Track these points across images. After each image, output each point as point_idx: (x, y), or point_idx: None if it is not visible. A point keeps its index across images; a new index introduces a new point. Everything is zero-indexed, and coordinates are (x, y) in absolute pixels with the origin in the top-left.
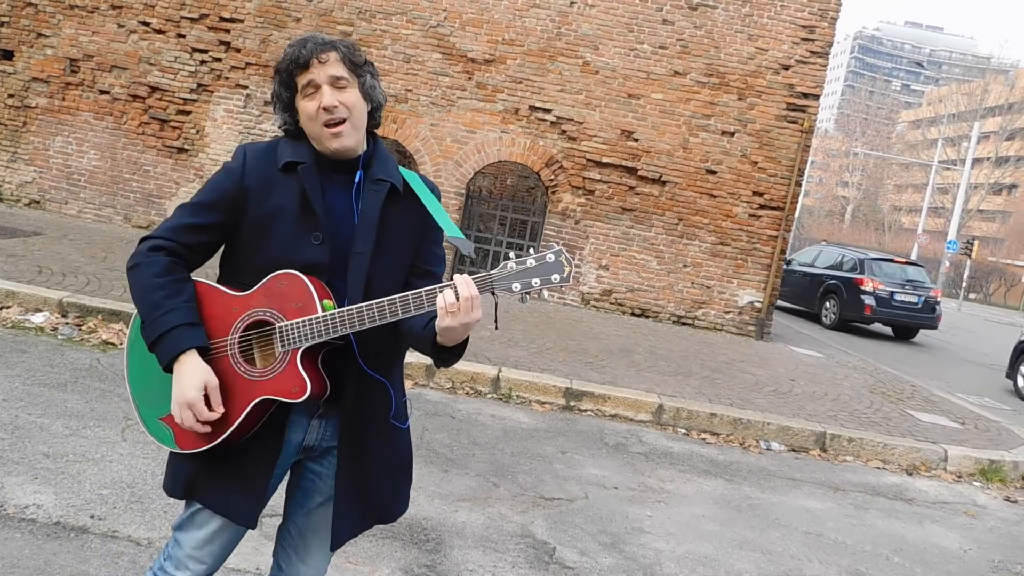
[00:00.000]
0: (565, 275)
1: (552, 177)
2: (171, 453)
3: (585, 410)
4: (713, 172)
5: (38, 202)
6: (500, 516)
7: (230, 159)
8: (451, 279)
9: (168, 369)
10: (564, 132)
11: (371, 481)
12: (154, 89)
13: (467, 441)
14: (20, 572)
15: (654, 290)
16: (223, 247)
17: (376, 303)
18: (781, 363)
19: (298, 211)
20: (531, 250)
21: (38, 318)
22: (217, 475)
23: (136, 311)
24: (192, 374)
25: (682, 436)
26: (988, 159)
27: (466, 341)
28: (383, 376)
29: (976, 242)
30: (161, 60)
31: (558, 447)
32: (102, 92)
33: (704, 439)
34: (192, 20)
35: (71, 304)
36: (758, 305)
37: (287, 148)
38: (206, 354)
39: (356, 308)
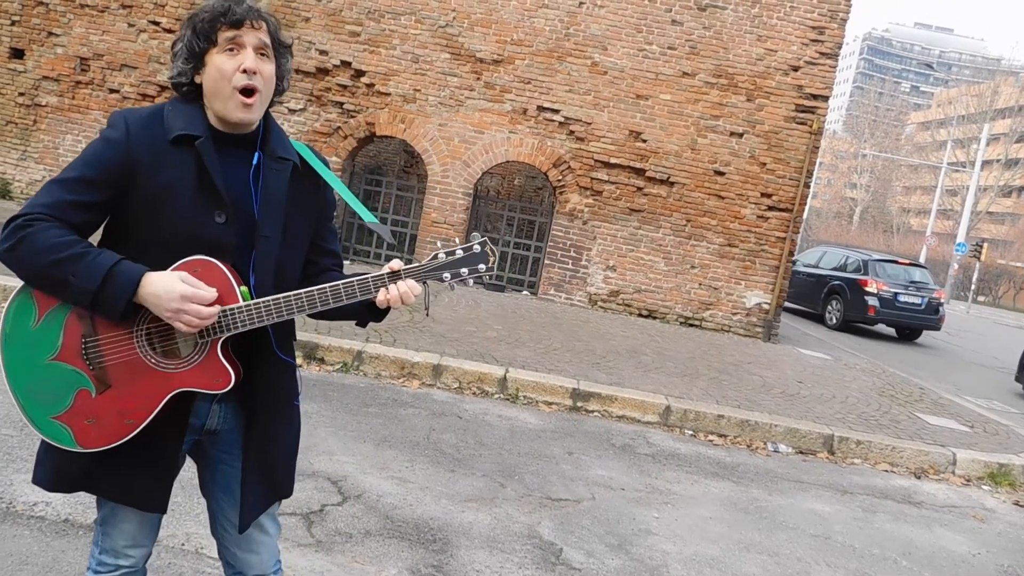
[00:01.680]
0: (490, 264)
1: (560, 178)
2: (45, 445)
3: (592, 411)
4: (721, 173)
5: None
6: (507, 517)
7: (107, 127)
8: (386, 265)
9: (126, 312)
10: (572, 133)
11: (276, 461)
12: (164, 88)
13: (474, 441)
14: (29, 569)
15: (662, 291)
16: (105, 224)
17: (305, 292)
18: (789, 365)
19: (196, 188)
20: (457, 240)
21: None
22: (117, 465)
23: (23, 292)
24: (164, 278)
25: (689, 437)
26: (998, 161)
27: None
28: (291, 358)
29: (985, 244)
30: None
31: (565, 448)
32: (112, 91)
33: (711, 441)
34: None
35: None
36: (766, 307)
37: (176, 117)
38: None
39: (284, 297)
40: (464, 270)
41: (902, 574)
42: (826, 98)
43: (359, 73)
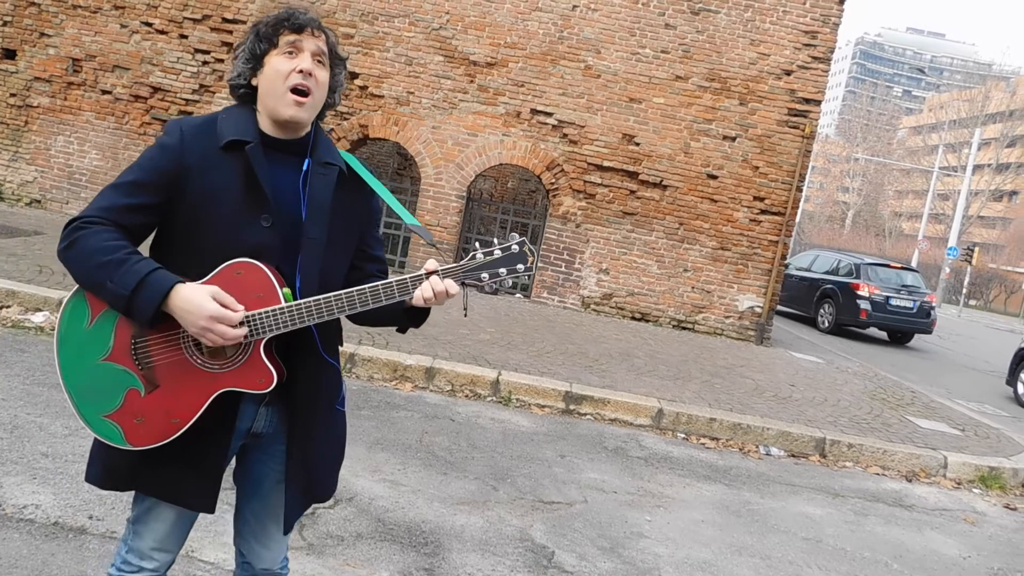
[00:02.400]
0: (529, 264)
1: (553, 181)
2: (98, 444)
3: (585, 414)
4: (714, 177)
5: (39, 201)
6: (499, 520)
7: (163, 134)
8: (425, 267)
9: (153, 319)
10: (565, 136)
11: (317, 464)
12: (156, 89)
13: (466, 444)
14: (18, 572)
15: (654, 294)
16: (156, 230)
17: (345, 294)
18: (781, 368)
19: (243, 192)
20: (495, 240)
21: (38, 318)
22: (167, 466)
23: (78, 294)
24: (195, 293)
25: (681, 441)
26: (989, 165)
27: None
28: (335, 361)
29: (976, 248)
30: (163, 61)
31: (557, 451)
32: (104, 92)
33: (704, 444)
34: (195, 21)
35: None
36: (758, 310)
37: (229, 124)
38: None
39: (325, 298)
40: (502, 270)
41: None
42: (819, 102)
43: (352, 75)
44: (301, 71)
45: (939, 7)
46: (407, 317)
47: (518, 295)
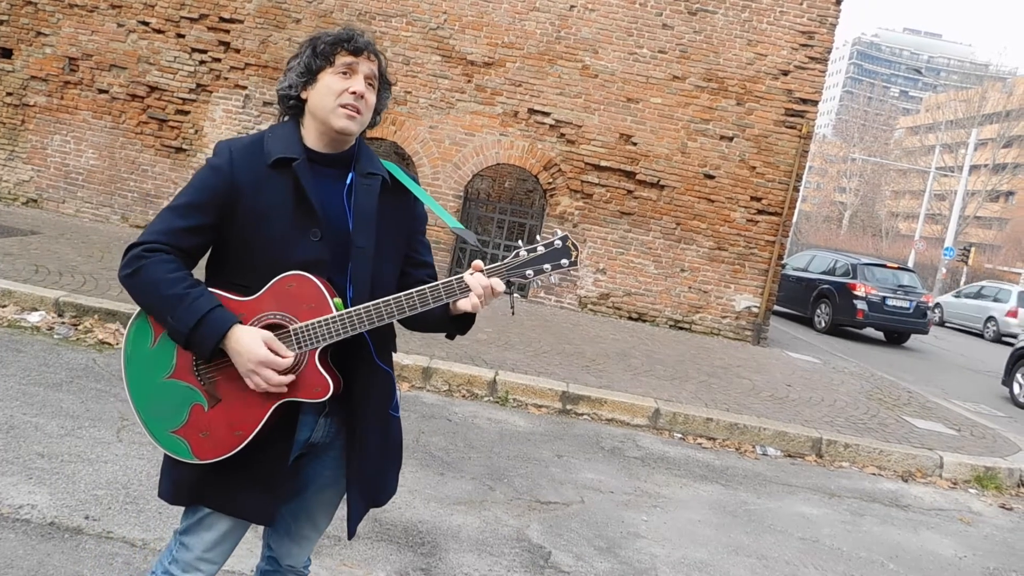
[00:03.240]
0: (573, 259)
1: (550, 180)
2: (167, 459)
3: (581, 414)
4: (711, 177)
5: (35, 201)
6: (496, 520)
7: (212, 156)
8: (468, 269)
9: (212, 354)
10: (563, 135)
11: (373, 471)
12: (153, 89)
13: (463, 444)
14: (14, 573)
15: (651, 294)
16: (211, 249)
17: (394, 299)
18: (778, 368)
19: (293, 208)
20: (538, 237)
21: (34, 317)
22: (230, 479)
23: (141, 316)
24: (248, 337)
25: (678, 441)
26: (985, 166)
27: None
28: (389, 367)
29: (973, 249)
30: (160, 60)
31: (554, 451)
32: (101, 91)
33: (700, 444)
34: (192, 20)
35: (67, 304)
36: (755, 310)
37: (275, 142)
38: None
39: (374, 305)
40: (547, 266)
41: None
42: (816, 102)
43: None
44: (354, 92)
45: (936, 8)
46: (453, 324)
47: (515, 295)
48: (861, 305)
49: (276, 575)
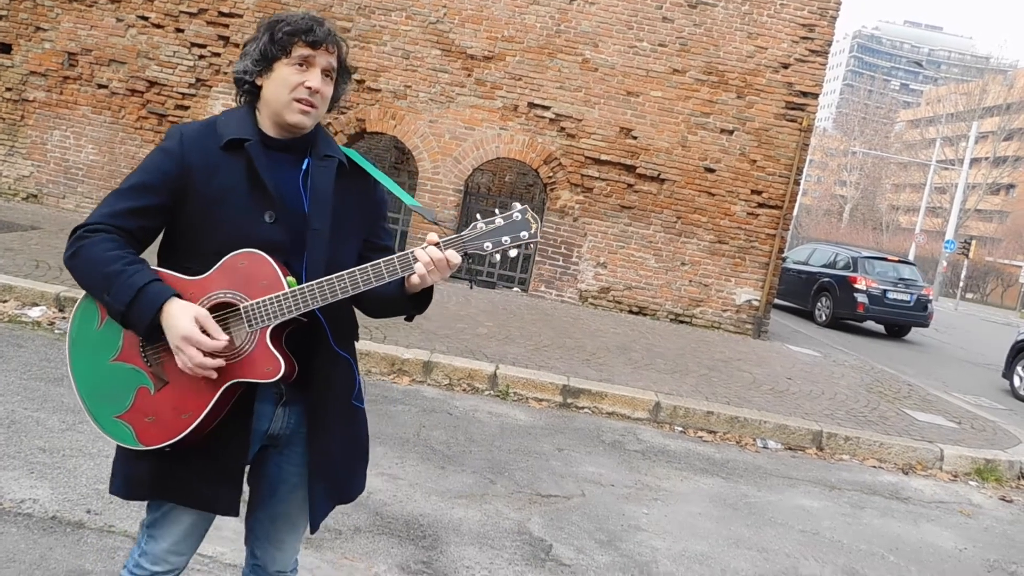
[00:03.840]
0: (533, 232)
1: (551, 174)
2: (120, 455)
3: (582, 407)
4: (712, 170)
5: (36, 196)
6: (497, 513)
7: (164, 140)
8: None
9: (150, 330)
10: (563, 129)
11: (338, 463)
12: (152, 83)
13: (464, 438)
14: (16, 566)
15: (652, 288)
16: (162, 233)
17: (347, 273)
18: (778, 361)
19: (247, 190)
20: (496, 210)
21: (35, 312)
22: (186, 470)
23: (88, 297)
24: (180, 312)
25: (679, 434)
26: (986, 159)
27: (433, 287)
28: (349, 355)
29: (973, 242)
30: (160, 55)
31: (555, 444)
32: (100, 86)
33: (701, 437)
34: (191, 15)
35: (68, 299)
36: (756, 303)
37: (228, 124)
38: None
39: (327, 280)
40: (505, 239)
41: (889, 569)
42: (816, 95)
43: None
44: (309, 87)
45: (936, 0)
46: (411, 302)
47: (515, 289)
48: (862, 298)
49: None
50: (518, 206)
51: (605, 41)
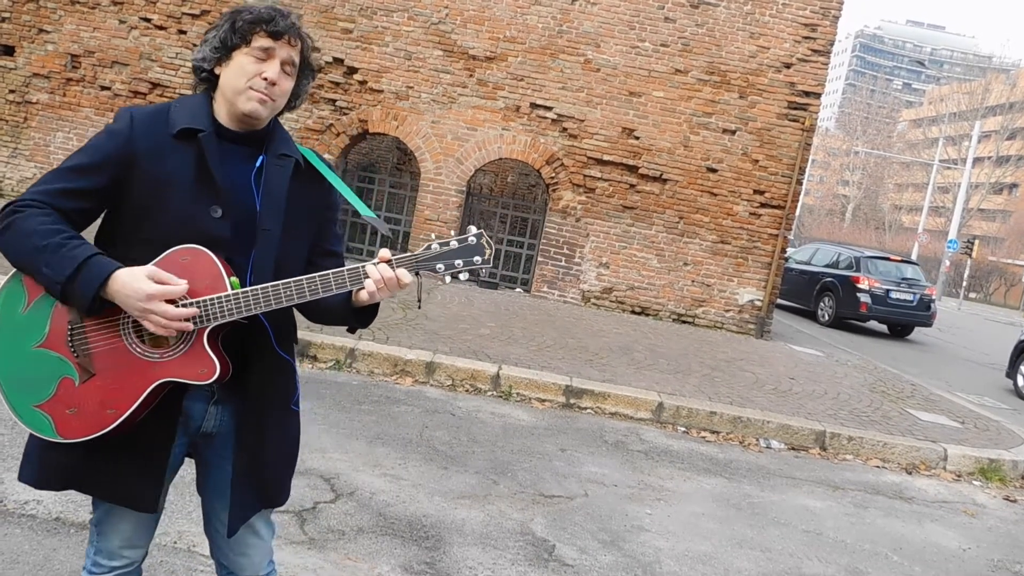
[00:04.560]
0: (486, 257)
1: (553, 175)
2: (34, 442)
3: (585, 408)
4: (714, 170)
5: None
6: (500, 513)
7: (113, 121)
8: (376, 255)
9: (92, 306)
10: (565, 130)
11: (268, 466)
12: (155, 85)
13: (467, 439)
14: (20, 568)
15: (654, 288)
16: (101, 218)
17: (294, 281)
18: (781, 361)
19: (194, 181)
20: (453, 232)
21: None
22: (105, 463)
23: (14, 279)
24: (130, 276)
25: (682, 434)
26: (989, 158)
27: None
28: (290, 357)
29: (976, 241)
30: (162, 56)
31: (558, 445)
32: (103, 88)
33: (704, 437)
34: (193, 16)
35: None
36: (758, 303)
37: (182, 112)
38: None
39: (272, 286)
40: (459, 262)
41: (893, 569)
42: (818, 95)
43: (352, 70)
44: (266, 78)
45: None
46: (355, 316)
47: (518, 289)
48: (864, 298)
49: None
50: (473, 230)
51: (607, 41)
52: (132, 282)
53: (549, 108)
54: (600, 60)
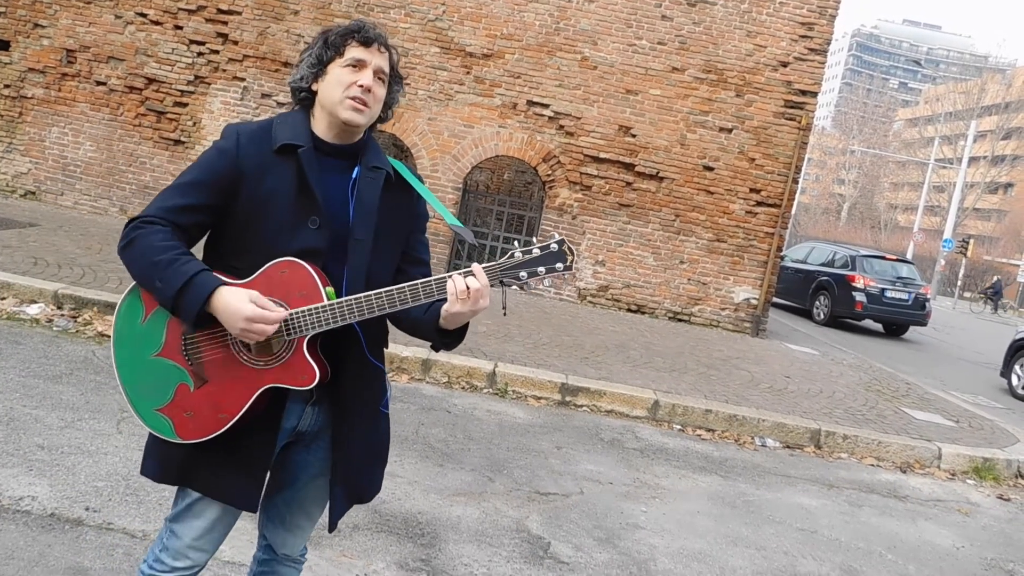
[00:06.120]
0: (568, 263)
1: (549, 172)
2: (152, 438)
3: (581, 406)
4: (710, 169)
5: (34, 193)
6: (495, 511)
7: (220, 139)
8: (462, 267)
9: (199, 320)
10: (562, 127)
11: (358, 465)
12: (151, 81)
13: (463, 436)
14: (15, 564)
15: (650, 286)
16: (208, 234)
17: (385, 291)
18: (776, 360)
19: (295, 195)
20: (535, 239)
21: (33, 310)
22: (215, 463)
23: (133, 292)
24: (233, 295)
25: (677, 432)
26: (984, 158)
27: (467, 325)
28: (380, 363)
29: (972, 241)
30: (158, 51)
31: (554, 442)
32: (99, 83)
33: (699, 435)
34: (189, 11)
35: (66, 296)
36: (754, 302)
37: (283, 129)
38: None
39: (365, 296)
40: (541, 268)
41: (887, 567)
42: (815, 94)
43: None
44: (361, 86)
45: None
46: (439, 334)
47: (513, 287)
48: (860, 297)
49: (273, 564)
50: (556, 236)
51: (604, 39)
52: (234, 301)
53: (546, 105)
54: (597, 58)
